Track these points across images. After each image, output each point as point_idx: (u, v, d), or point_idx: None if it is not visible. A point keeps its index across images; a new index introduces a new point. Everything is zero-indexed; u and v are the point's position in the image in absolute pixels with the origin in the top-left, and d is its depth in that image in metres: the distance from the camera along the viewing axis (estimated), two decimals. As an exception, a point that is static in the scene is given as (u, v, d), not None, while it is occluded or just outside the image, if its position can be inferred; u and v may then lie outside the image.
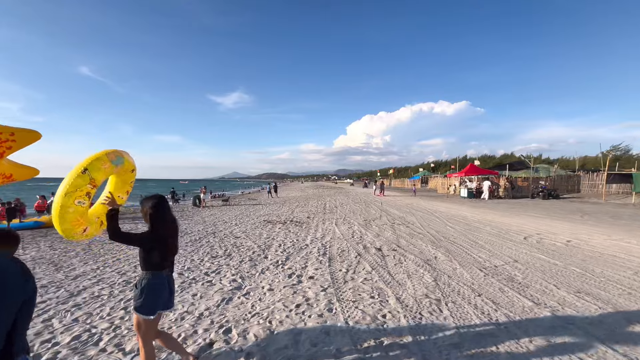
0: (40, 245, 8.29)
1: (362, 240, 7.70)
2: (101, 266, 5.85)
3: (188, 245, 7.63)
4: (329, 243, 7.50)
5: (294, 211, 15.27)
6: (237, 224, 11.39)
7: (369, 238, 7.98)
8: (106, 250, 7.32)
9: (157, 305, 2.35)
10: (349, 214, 13.20)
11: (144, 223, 2.57)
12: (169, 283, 2.47)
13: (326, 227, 9.89)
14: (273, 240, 8.08)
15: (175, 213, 16.03)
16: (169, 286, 2.46)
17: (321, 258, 6.10)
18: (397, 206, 16.53)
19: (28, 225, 12.34)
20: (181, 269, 5.56)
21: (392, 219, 11.57)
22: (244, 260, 6.06)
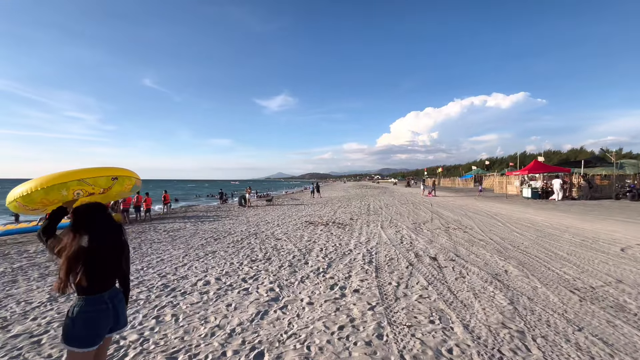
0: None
1: (412, 247, 6.87)
2: (145, 267, 5.89)
3: (230, 247, 7.50)
4: (375, 249, 6.81)
5: (337, 212, 14.73)
6: (279, 224, 11.18)
7: (420, 244, 7.12)
8: (153, 250, 7.49)
9: (97, 335, 1.84)
10: (396, 216, 12.28)
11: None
12: (114, 304, 1.93)
13: (371, 231, 9.18)
14: (314, 243, 7.62)
15: (222, 212, 16.53)
16: (115, 309, 1.93)
17: (367, 267, 5.45)
18: (449, 207, 15.11)
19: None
20: (219, 273, 5.34)
21: (445, 222, 10.43)
22: (284, 266, 5.67)
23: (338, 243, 7.54)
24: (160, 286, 4.69)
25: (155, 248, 7.64)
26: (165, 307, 3.86)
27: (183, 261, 6.25)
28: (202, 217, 14.56)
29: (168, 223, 12.82)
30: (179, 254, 6.93)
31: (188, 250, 7.22)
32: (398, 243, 7.35)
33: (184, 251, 7.18)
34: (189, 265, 5.95)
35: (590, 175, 22.20)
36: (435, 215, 12.35)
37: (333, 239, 8.05)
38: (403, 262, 5.65)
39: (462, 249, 6.59)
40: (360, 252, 6.58)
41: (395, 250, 6.63)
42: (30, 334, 3.21)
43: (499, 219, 10.81)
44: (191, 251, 7.16)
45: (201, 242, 8.20)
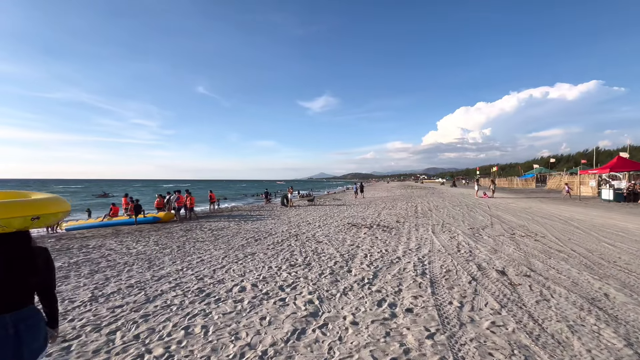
0: (150, 239, 9.18)
1: (473, 257, 5.92)
2: (185, 267, 5.80)
3: (269, 249, 7.22)
4: (428, 258, 5.99)
5: (381, 214, 13.89)
6: (321, 226, 10.74)
7: (482, 254, 6.12)
8: (196, 248, 7.51)
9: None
10: (449, 220, 11.11)
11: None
12: (18, 330, 1.53)
13: (421, 235, 8.28)
14: (358, 248, 7.00)
15: (266, 212, 16.63)
16: (17, 336, 1.52)
17: (420, 279, 4.71)
18: (510, 210, 13.38)
19: (148, 220, 14.45)
20: (256, 278, 5.00)
21: (509, 227, 9.09)
22: (324, 273, 5.16)
23: (384, 249, 6.83)
24: (195, 290, 4.47)
25: (198, 247, 7.66)
26: (196, 317, 3.57)
27: (222, 263, 6.07)
28: (246, 216, 14.74)
29: (214, 221, 13.14)
30: (219, 254, 6.81)
31: (228, 251, 7.09)
32: (454, 251, 6.42)
33: (224, 252, 7.05)
34: (227, 267, 5.73)
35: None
36: (496, 219, 10.92)
37: (378, 244, 7.36)
38: (464, 276, 4.80)
39: (536, 261, 5.48)
40: (411, 260, 5.82)
41: (452, 260, 5.75)
42: (63, 338, 3.11)
43: (577, 225, 9.13)
44: (231, 252, 7.00)
45: (242, 243, 8.06)
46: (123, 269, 5.73)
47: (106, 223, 14.39)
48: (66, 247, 8.29)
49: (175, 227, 12.04)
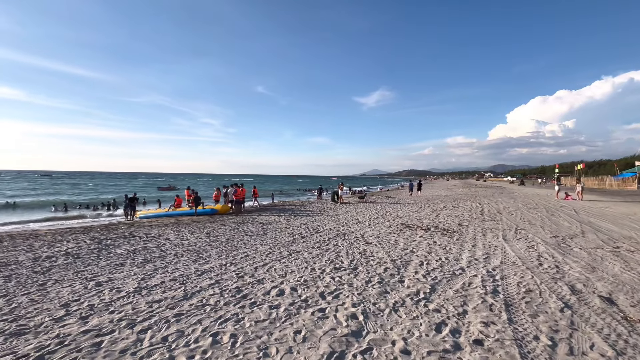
0: (203, 231, 9.54)
1: (561, 275, 4.73)
2: (229, 263, 5.71)
3: (315, 248, 6.83)
4: (500, 271, 4.97)
5: (440, 214, 12.59)
6: (371, 225, 10.05)
7: (574, 272, 4.87)
8: (243, 243, 7.48)
9: None
10: (524, 224, 9.48)
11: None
12: None
13: (489, 243, 7.09)
14: (412, 253, 6.21)
15: (316, 207, 16.44)
16: None
17: (491, 299, 3.83)
18: (607, 217, 10.98)
19: (207, 211, 15.31)
20: (297, 281, 4.62)
21: (609, 239, 7.31)
22: (372, 281, 4.55)
23: (444, 257, 5.93)
24: (233, 290, 4.25)
25: (245, 242, 7.64)
26: (228, 322, 3.30)
27: (265, 260, 5.86)
28: (296, 212, 14.70)
29: (266, 215, 13.33)
30: (263, 250, 6.64)
31: (273, 248, 6.89)
32: (535, 265, 5.25)
33: (269, 248, 6.88)
34: (269, 265, 5.48)
35: None
36: (587, 226, 8.97)
37: (437, 250, 6.46)
38: (552, 300, 3.76)
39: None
40: (478, 273, 4.88)
41: (533, 276, 4.65)
42: (98, 331, 3.08)
43: None
44: (276, 249, 6.79)
45: (288, 239, 7.84)
46: (172, 260, 5.87)
47: (170, 213, 15.66)
48: (133, 234, 9.02)
49: (229, 219, 12.46)
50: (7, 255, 6.27)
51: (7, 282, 4.64)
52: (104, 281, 4.63)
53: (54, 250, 6.60)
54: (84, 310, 3.57)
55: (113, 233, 9.26)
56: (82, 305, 3.71)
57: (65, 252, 6.44)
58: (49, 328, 3.14)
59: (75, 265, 5.51)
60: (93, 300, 3.89)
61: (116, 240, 7.92)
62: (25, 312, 3.53)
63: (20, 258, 6.00)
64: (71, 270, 5.26)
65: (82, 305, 3.72)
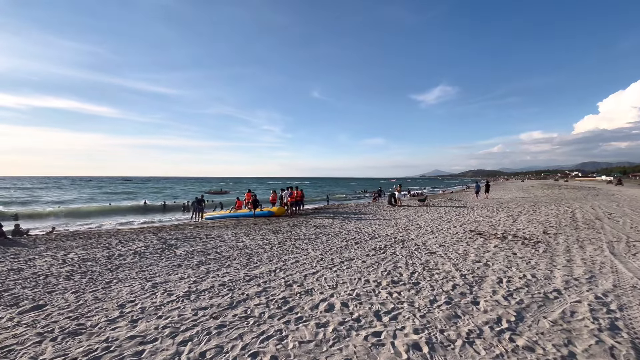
0: (258, 233, 9.64)
1: None
2: (279, 268, 5.48)
3: (370, 256, 6.26)
4: (615, 298, 3.79)
5: (517, 220, 10.84)
6: (434, 231, 9.03)
7: None
8: (295, 247, 7.26)
9: None
10: (638, 236, 7.50)
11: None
12: None
13: (591, 258, 5.67)
14: (487, 267, 5.23)
15: (372, 210, 15.72)
16: None
17: (609, 339, 2.84)
18: None
19: (264, 213, 15.73)
20: (348, 295, 4.13)
21: None
22: (438, 301, 3.83)
23: (530, 273, 4.84)
24: (280, 301, 3.95)
25: (297, 246, 7.41)
26: (270, 339, 2.97)
27: (316, 267, 5.49)
28: (351, 215, 14.20)
29: (320, 218, 13.11)
30: (315, 256, 6.30)
31: (325, 254, 6.50)
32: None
33: (320, 254, 6.51)
34: (320, 274, 5.10)
35: None
36: None
37: (518, 264, 5.35)
38: None
39: None
40: (582, 298, 3.79)
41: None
42: (143, 338, 3.01)
43: None
44: (327, 255, 6.39)
45: (341, 245, 7.38)
46: (224, 263, 5.88)
47: (232, 215, 16.50)
48: (195, 235, 9.53)
49: (284, 222, 12.53)
50: (89, 252, 7.02)
51: (82, 277, 5.07)
52: (160, 282, 4.75)
53: (126, 249, 7.21)
54: (135, 313, 3.61)
55: (178, 233, 9.92)
56: (135, 308, 3.77)
57: (134, 251, 6.97)
58: (101, 330, 3.19)
59: (140, 265, 5.86)
60: (146, 302, 3.95)
61: (179, 240, 8.40)
62: (87, 310, 3.70)
63: (98, 255, 6.65)
64: (135, 269, 5.58)
65: (135, 307, 3.79)
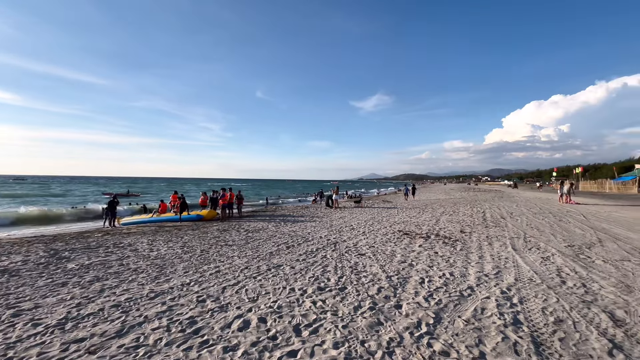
0: (180, 240, 8.62)
1: (593, 297, 3.88)
2: (194, 281, 4.79)
3: (300, 261, 5.95)
4: (517, 291, 4.12)
5: (440, 220, 11.74)
6: (366, 232, 9.17)
7: (607, 293, 4.02)
8: (220, 254, 6.56)
9: None
10: (532, 232, 8.64)
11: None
12: None
13: (498, 253, 6.25)
14: (411, 267, 5.35)
15: (309, 212, 15.56)
16: None
17: (513, 334, 2.97)
18: (619, 222, 10.18)
19: (192, 217, 14.35)
20: (269, 308, 3.73)
21: (633, 249, 6.49)
22: (362, 307, 3.68)
23: (448, 272, 5.07)
24: (185, 322, 3.35)
25: (222, 253, 6.74)
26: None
27: (238, 278, 4.96)
28: (288, 217, 13.82)
29: (254, 222, 12.45)
30: (240, 264, 5.75)
31: (252, 261, 6.00)
32: (557, 284, 4.40)
33: (247, 261, 5.98)
34: (240, 285, 4.59)
35: None
36: (602, 233, 8.15)
37: (439, 263, 5.60)
38: (593, 336, 2.91)
39: None
40: (491, 294, 4.02)
41: (559, 300, 3.81)
42: None
43: None
44: (254, 262, 5.90)
45: (271, 250, 6.94)
46: (127, 278, 4.95)
47: (153, 219, 14.71)
48: (100, 244, 8.09)
49: (214, 226, 11.57)
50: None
51: None
52: (27, 309, 3.70)
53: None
54: (-29, 358, 2.67)
55: (80, 243, 8.32)
56: (-26, 349, 2.80)
57: (3, 269, 5.50)
58: None
59: (6, 286, 4.58)
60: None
61: (76, 251, 6.98)
62: None
63: (-54, 276, 5.06)
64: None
65: (-26, 348, 2.82)
